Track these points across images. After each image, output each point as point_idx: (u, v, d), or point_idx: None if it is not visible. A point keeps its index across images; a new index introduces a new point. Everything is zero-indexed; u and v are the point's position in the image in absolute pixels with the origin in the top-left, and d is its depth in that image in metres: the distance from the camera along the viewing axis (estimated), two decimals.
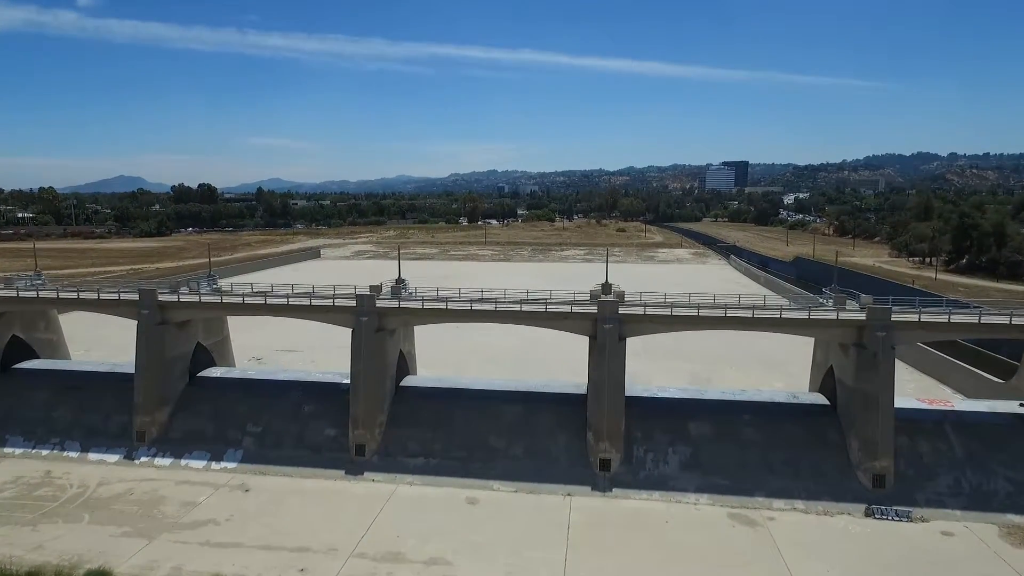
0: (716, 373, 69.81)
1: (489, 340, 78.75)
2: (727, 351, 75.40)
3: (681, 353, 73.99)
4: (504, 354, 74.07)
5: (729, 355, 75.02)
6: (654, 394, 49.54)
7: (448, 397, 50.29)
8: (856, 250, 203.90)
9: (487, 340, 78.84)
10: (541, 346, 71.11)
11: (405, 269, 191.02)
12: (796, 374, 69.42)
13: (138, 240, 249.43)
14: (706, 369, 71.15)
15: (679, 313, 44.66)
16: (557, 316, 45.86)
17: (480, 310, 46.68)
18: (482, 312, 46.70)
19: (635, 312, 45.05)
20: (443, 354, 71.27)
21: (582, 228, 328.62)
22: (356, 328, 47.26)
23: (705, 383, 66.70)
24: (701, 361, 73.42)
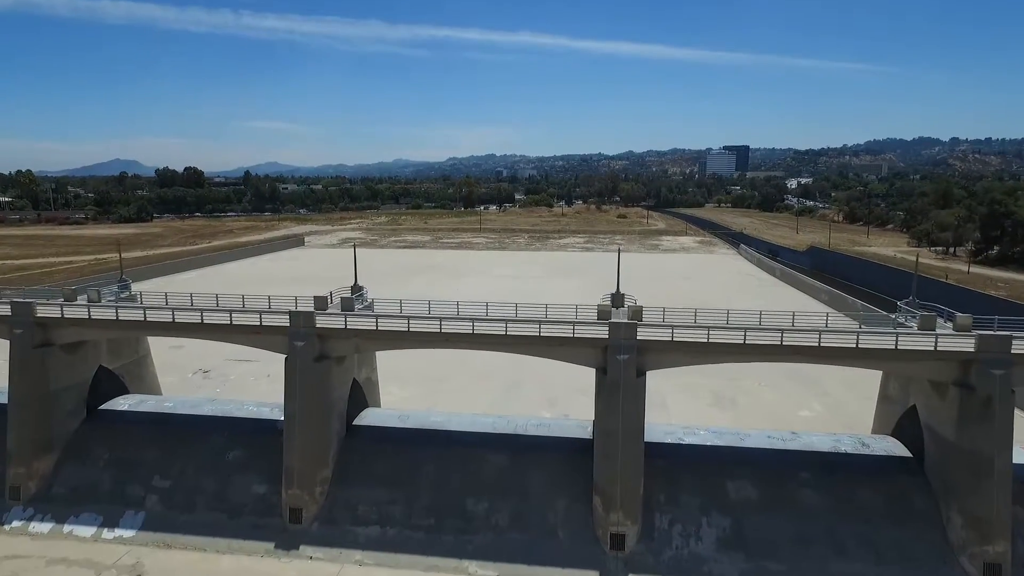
0: (743, 392, 58.67)
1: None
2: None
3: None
4: (497, 370, 62.86)
5: (754, 367, 63.68)
6: (679, 438, 38.33)
7: (415, 441, 39.09)
8: (871, 239, 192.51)
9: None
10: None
11: (392, 259, 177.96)
12: (837, 394, 58.42)
13: (116, 226, 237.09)
14: (730, 387, 59.98)
15: (719, 339, 33.29)
16: (554, 342, 34.52)
17: (453, 333, 35.32)
18: (456, 336, 35.34)
19: (659, 337, 33.68)
20: (420, 368, 59.98)
21: (581, 214, 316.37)
22: (290, 356, 35.97)
23: (731, 405, 55.64)
24: (722, 376, 62.09)
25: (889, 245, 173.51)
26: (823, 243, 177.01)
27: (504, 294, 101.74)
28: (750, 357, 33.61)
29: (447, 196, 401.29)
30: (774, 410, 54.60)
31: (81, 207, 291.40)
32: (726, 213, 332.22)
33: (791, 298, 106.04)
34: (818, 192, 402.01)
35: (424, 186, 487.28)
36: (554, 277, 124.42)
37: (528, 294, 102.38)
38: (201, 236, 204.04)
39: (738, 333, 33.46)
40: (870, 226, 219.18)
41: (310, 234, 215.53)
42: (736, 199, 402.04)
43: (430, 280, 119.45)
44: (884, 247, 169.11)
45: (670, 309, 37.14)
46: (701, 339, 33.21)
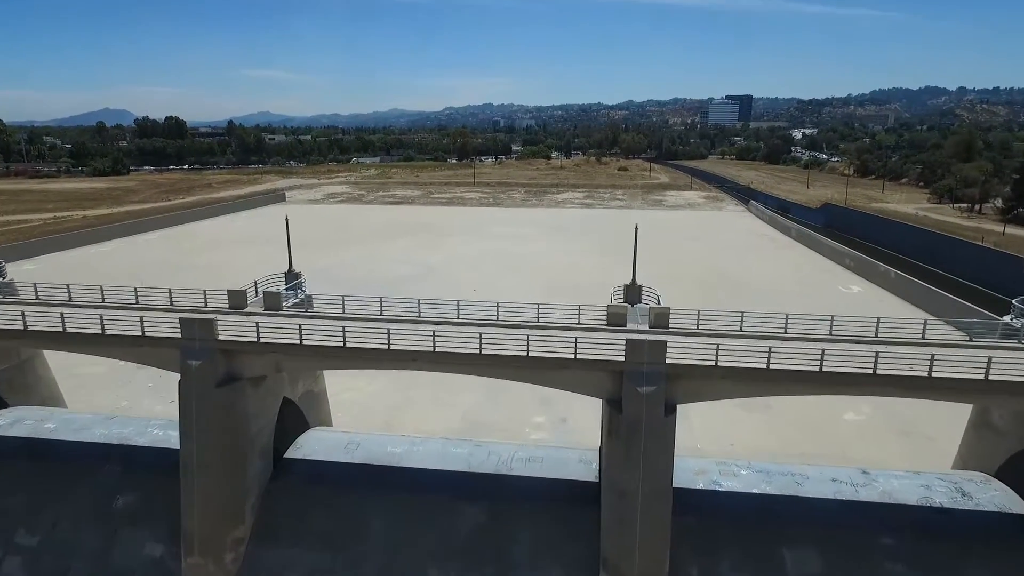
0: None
1: None
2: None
3: None
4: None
5: None
6: (713, 482, 28.81)
7: (365, 482, 29.58)
8: (886, 194, 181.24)
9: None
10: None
11: (377, 216, 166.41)
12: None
13: (89, 180, 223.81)
14: None
15: (783, 362, 23.25)
16: (547, 365, 24.55)
17: (405, 350, 25.31)
18: (408, 354, 25.34)
19: (697, 360, 23.69)
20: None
21: (580, 167, 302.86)
22: (183, 379, 26.09)
23: (761, 408, 46.18)
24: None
25: (907, 202, 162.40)
26: (837, 199, 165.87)
27: (494, 262, 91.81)
28: (831, 388, 23.74)
29: (442, 148, 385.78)
30: (813, 413, 45.12)
31: (56, 159, 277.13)
32: (731, 166, 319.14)
33: (811, 263, 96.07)
34: (825, 144, 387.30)
35: (418, 136, 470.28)
36: (551, 239, 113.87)
37: (521, 261, 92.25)
38: (177, 191, 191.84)
39: (808, 354, 23.48)
40: (884, 180, 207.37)
41: (294, 188, 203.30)
42: (740, 151, 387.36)
43: (414, 244, 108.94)
44: (902, 204, 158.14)
45: (710, 313, 27.22)
46: (758, 363, 23.28)
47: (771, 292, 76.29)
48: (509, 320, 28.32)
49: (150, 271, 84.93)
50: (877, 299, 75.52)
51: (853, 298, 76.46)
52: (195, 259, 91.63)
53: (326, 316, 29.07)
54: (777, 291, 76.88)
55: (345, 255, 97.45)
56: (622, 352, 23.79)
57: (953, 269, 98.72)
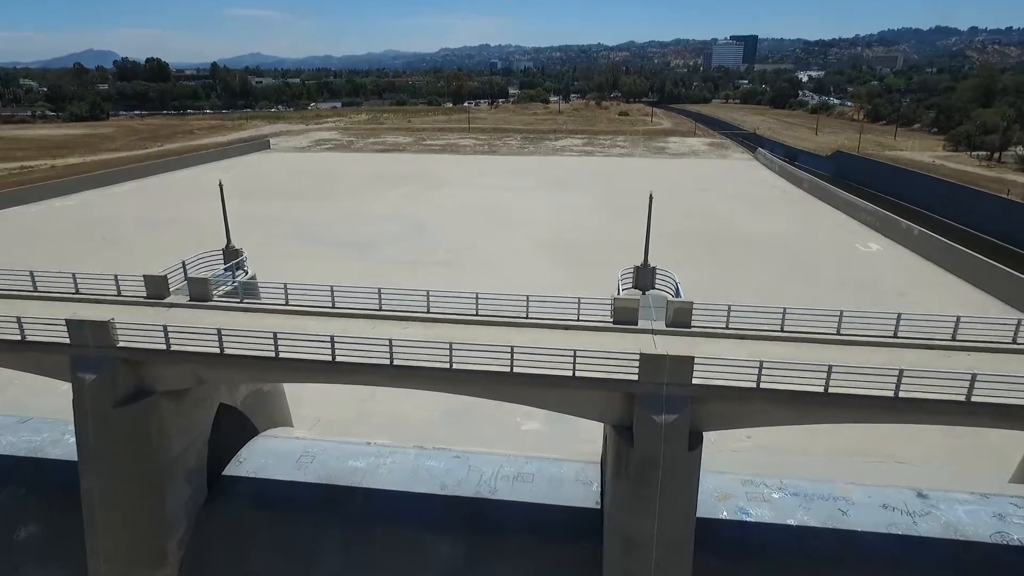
0: None
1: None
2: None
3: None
4: None
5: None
6: (740, 510, 23.71)
7: (317, 509, 24.52)
8: (899, 141, 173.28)
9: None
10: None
11: (365, 166, 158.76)
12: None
13: (65, 126, 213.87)
14: None
15: (843, 389, 17.71)
16: (536, 383, 18.99)
17: (354, 363, 19.69)
18: (356, 368, 19.74)
19: (732, 380, 18.11)
20: None
21: (580, 111, 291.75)
22: (77, 396, 20.61)
23: None
24: None
25: (922, 149, 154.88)
26: (848, 146, 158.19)
27: (486, 217, 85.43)
28: (909, 417, 18.28)
29: (436, 91, 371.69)
30: None
31: (32, 103, 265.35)
32: (735, 110, 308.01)
33: (826, 218, 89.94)
34: (832, 87, 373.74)
35: (413, 79, 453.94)
36: (549, 190, 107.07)
37: (516, 216, 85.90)
38: (156, 138, 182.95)
39: (875, 370, 17.92)
40: (897, 126, 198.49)
41: (279, 135, 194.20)
42: (745, 94, 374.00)
43: (403, 196, 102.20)
44: (917, 151, 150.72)
45: (743, 309, 21.57)
46: (812, 382, 17.73)
47: (785, 251, 70.58)
48: (491, 315, 22.65)
49: (113, 228, 78.73)
50: (898, 259, 69.89)
51: (873, 258, 70.80)
52: (164, 214, 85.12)
53: (264, 310, 23.37)
54: (792, 250, 71.14)
55: (328, 209, 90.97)
56: (633, 365, 18.27)
57: (976, 223, 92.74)
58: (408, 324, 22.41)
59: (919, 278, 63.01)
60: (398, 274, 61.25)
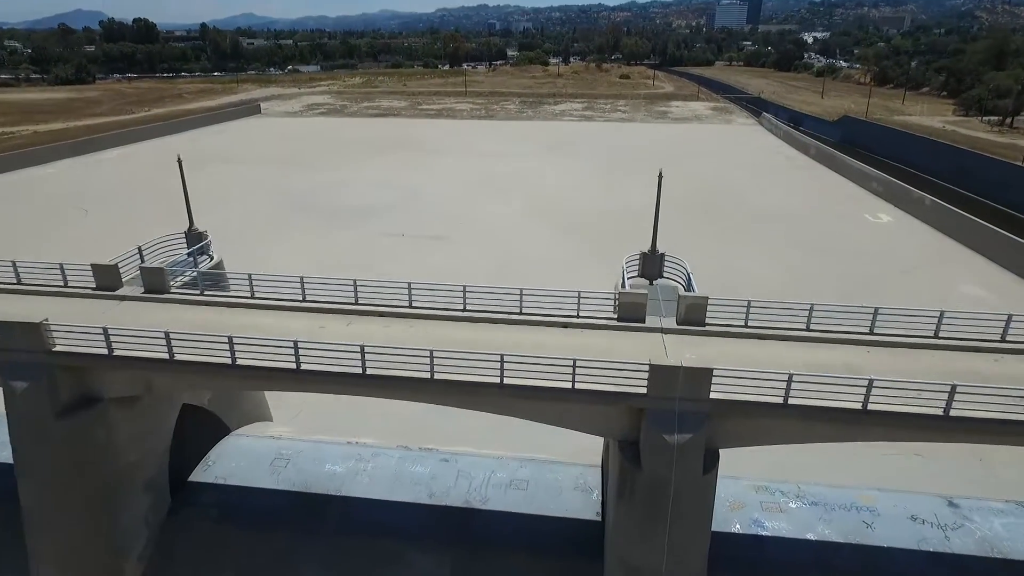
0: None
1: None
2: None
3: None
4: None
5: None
6: (754, 523, 21.62)
7: (290, 520, 22.42)
8: (907, 105, 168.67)
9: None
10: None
11: (358, 131, 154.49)
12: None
13: (50, 89, 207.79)
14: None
15: (884, 406, 15.33)
16: (530, 395, 16.59)
17: (320, 372, 17.26)
18: (325, 377, 17.32)
19: (759, 396, 15.71)
20: None
21: (579, 74, 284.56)
22: (10, 405, 18.24)
23: None
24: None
25: (931, 113, 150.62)
26: (855, 111, 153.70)
27: (483, 186, 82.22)
28: (958, 436, 15.93)
29: (433, 53, 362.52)
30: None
31: (16, 65, 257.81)
32: (739, 73, 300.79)
33: (834, 186, 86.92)
34: (838, 49, 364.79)
35: (409, 40, 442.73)
36: (547, 157, 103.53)
37: (513, 184, 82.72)
38: (144, 102, 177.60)
39: (919, 383, 15.51)
40: (905, 90, 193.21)
41: (271, 99, 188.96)
42: (750, 56, 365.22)
43: (397, 163, 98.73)
44: (926, 116, 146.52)
45: (763, 305, 19.10)
46: (849, 398, 15.36)
47: (791, 222, 67.84)
48: (480, 310, 20.17)
49: (94, 198, 75.64)
50: (910, 231, 67.22)
51: (883, 230, 68.10)
52: (149, 184, 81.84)
53: (227, 304, 20.86)
54: (798, 221, 68.38)
55: (319, 177, 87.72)
56: (641, 375, 15.86)
57: (990, 193, 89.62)
58: (388, 321, 19.95)
59: (932, 251, 60.46)
60: (390, 247, 58.66)
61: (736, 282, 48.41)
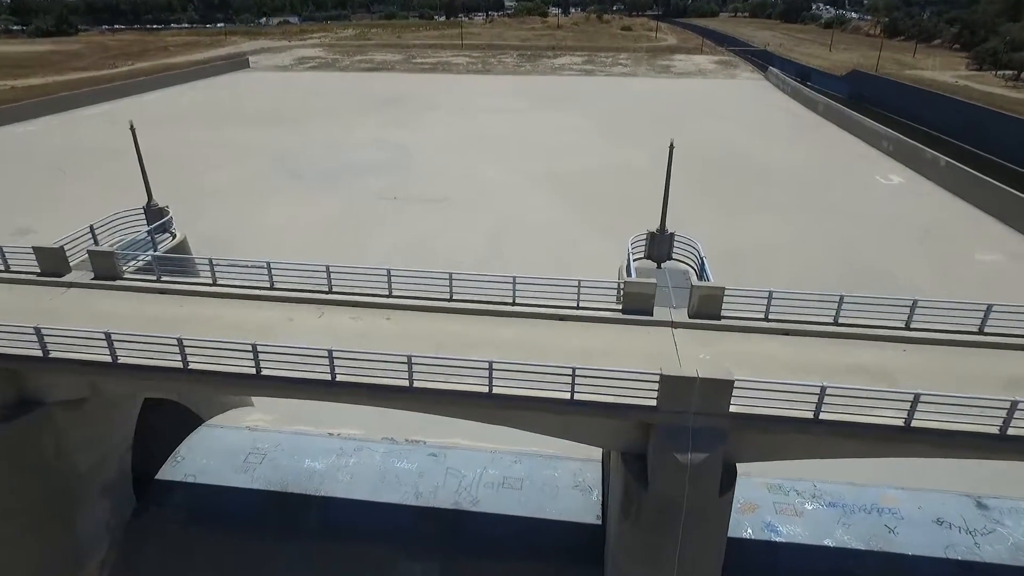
0: None
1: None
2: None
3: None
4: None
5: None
6: (770, 531, 19.94)
7: (265, 523, 20.74)
8: (918, 58, 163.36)
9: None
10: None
11: (350, 85, 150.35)
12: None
13: (29, 42, 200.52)
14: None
15: (931, 423, 13.33)
16: (523, 406, 14.56)
17: (282, 377, 15.18)
18: (293, 383, 15.28)
19: (785, 409, 13.66)
20: None
21: (580, 25, 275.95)
22: None
23: None
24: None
25: (944, 68, 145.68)
26: (864, 64, 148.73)
27: (478, 145, 78.85)
28: (1016, 455, 14.02)
29: (428, 3, 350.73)
30: None
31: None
32: (744, 24, 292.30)
33: (843, 146, 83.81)
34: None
35: None
36: (546, 113, 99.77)
37: (510, 144, 79.43)
38: (128, 55, 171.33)
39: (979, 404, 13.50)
40: (916, 43, 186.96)
41: (260, 52, 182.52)
42: (755, 7, 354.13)
43: (390, 121, 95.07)
44: (938, 70, 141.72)
45: (786, 296, 16.98)
46: (890, 412, 13.35)
47: (800, 184, 65.15)
48: (468, 299, 18.02)
49: (73, 159, 72.49)
50: (922, 193, 64.62)
51: (894, 192, 65.49)
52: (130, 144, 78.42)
53: (186, 292, 18.66)
54: (807, 183, 65.68)
55: (309, 136, 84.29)
56: (650, 384, 13.83)
57: (1006, 153, 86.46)
58: (364, 312, 17.81)
59: (946, 216, 58.02)
60: (382, 212, 56.15)
61: (743, 249, 46.25)
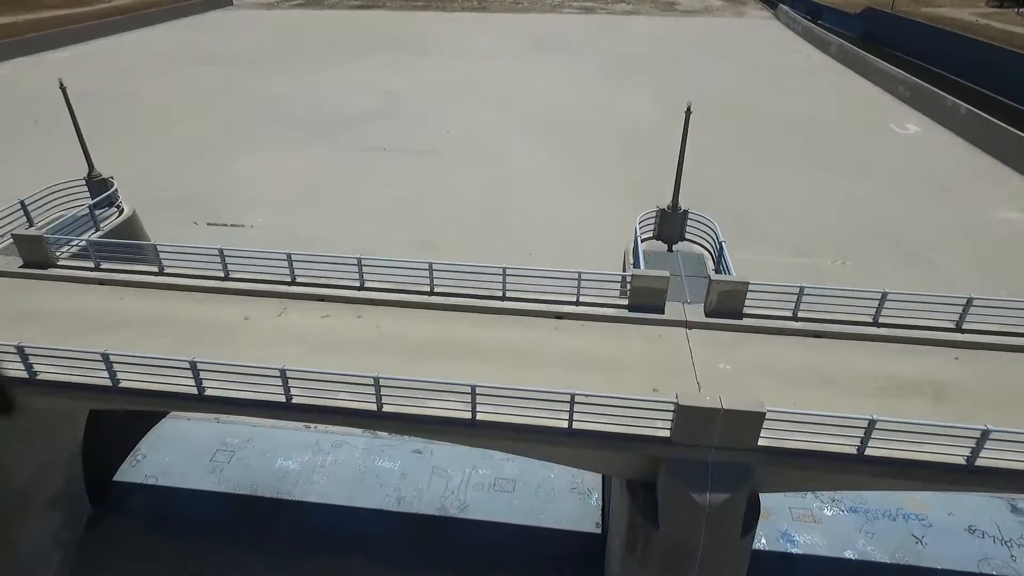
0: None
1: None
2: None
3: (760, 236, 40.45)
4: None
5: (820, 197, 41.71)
6: (787, 542, 18.16)
7: (232, 532, 18.96)
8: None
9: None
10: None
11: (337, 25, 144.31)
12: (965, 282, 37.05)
13: None
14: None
15: (998, 461, 11.25)
16: (514, 434, 12.41)
17: (230, 398, 12.94)
18: (243, 403, 13.06)
19: (823, 443, 11.52)
20: None
21: None
22: None
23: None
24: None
25: (962, 4, 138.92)
26: (880, 2, 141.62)
27: (473, 92, 74.58)
28: None
29: None
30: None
31: None
32: None
33: (856, 91, 79.78)
34: None
35: None
36: (545, 56, 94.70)
37: (507, 90, 75.17)
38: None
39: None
40: None
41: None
42: None
43: (381, 65, 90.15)
44: (956, 7, 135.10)
45: (818, 292, 14.63)
46: (951, 455, 11.22)
47: (812, 133, 61.68)
48: (449, 291, 15.66)
49: (43, 108, 68.40)
50: (941, 144, 61.32)
51: (911, 143, 62.20)
52: (107, 89, 74.25)
53: (126, 283, 16.23)
54: (818, 132, 62.24)
55: (296, 80, 79.80)
56: (663, 413, 11.65)
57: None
58: (331, 308, 15.47)
59: (967, 169, 55.01)
60: (370, 164, 53.00)
61: (746, 207, 43.64)
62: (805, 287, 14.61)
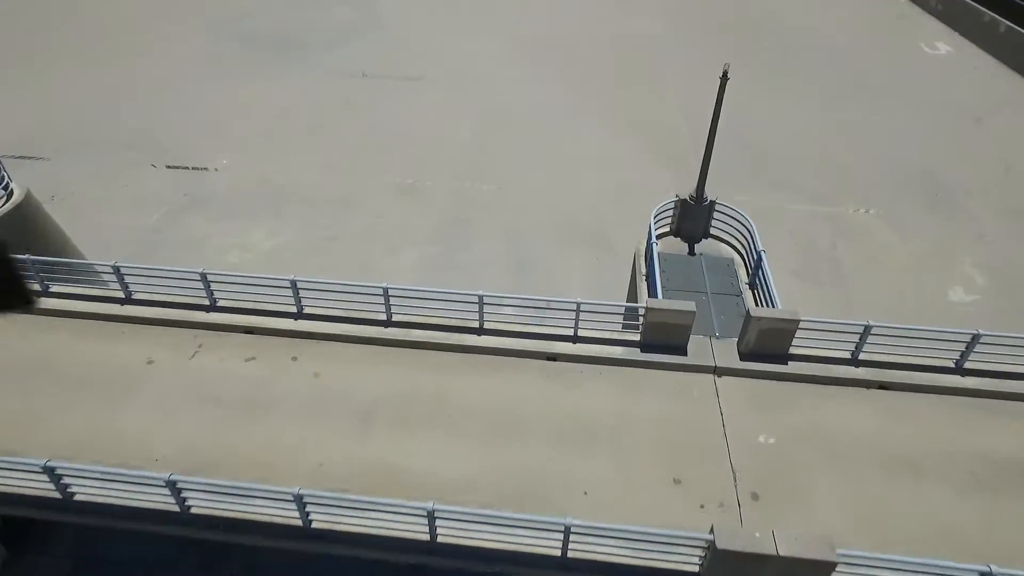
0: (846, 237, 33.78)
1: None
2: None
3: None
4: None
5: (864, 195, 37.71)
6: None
7: (179, 568, 16.36)
8: None
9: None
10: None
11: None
12: (1005, 249, 33.15)
13: None
14: (820, 230, 34.83)
15: None
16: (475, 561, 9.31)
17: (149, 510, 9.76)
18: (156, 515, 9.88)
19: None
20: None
21: None
22: None
23: (826, 283, 31.46)
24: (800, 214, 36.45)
25: None
26: None
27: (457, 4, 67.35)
28: None
29: None
30: (904, 283, 30.61)
31: None
32: None
33: (880, 3, 72.64)
34: None
35: None
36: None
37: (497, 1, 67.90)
38: None
39: None
40: None
41: None
42: None
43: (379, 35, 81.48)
44: None
45: (884, 331, 11.16)
46: None
47: (829, 54, 55.87)
48: (409, 322, 12.20)
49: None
50: (975, 67, 55.84)
51: (941, 65, 56.71)
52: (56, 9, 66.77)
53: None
54: (832, 52, 56.38)
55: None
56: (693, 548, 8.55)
57: None
58: (256, 346, 12.03)
59: (1002, 97, 50.11)
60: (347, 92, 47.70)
61: (763, 143, 39.45)
62: (871, 324, 11.16)
